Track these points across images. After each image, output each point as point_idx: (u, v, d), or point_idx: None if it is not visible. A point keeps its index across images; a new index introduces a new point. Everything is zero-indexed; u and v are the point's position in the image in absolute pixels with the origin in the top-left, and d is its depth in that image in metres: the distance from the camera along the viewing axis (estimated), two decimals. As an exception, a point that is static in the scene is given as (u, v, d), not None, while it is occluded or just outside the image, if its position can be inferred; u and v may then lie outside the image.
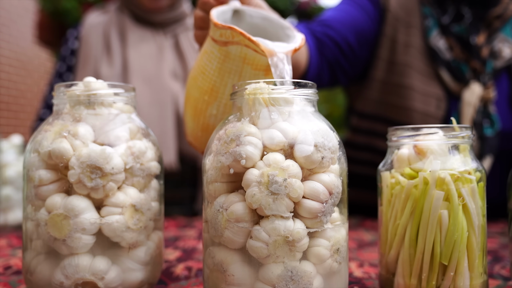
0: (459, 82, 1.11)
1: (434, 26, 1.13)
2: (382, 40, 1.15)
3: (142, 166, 0.55)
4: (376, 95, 1.16)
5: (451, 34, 1.12)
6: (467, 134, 0.56)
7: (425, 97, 1.11)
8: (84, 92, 0.56)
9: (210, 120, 0.64)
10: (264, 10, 0.65)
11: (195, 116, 0.65)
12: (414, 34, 1.14)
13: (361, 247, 0.86)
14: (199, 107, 0.64)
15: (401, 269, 0.54)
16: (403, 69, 1.13)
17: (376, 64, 1.16)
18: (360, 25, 1.13)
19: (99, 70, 1.31)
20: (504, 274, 0.67)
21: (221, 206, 0.48)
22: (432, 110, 1.10)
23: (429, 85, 1.11)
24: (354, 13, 1.13)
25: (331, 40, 1.07)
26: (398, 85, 1.13)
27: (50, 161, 0.53)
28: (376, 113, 1.17)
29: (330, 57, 1.07)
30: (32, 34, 2.35)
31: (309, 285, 0.46)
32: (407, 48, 1.13)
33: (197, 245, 0.88)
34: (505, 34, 1.13)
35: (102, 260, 0.53)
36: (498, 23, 1.13)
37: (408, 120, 1.11)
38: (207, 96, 0.62)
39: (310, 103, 0.52)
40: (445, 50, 1.12)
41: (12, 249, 0.88)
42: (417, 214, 0.53)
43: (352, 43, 1.11)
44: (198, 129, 0.66)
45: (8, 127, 3.63)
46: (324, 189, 0.47)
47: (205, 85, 0.62)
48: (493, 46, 1.12)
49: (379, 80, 1.16)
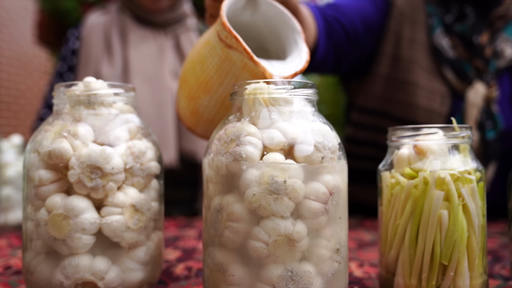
0: (463, 81, 1.11)
1: (438, 25, 1.13)
2: (386, 35, 1.15)
3: (142, 166, 0.55)
4: (379, 90, 1.16)
5: (454, 33, 1.12)
6: (467, 134, 0.56)
7: (430, 93, 1.11)
8: (84, 92, 0.56)
9: (201, 108, 0.64)
10: (280, 5, 0.63)
11: (187, 99, 0.65)
12: (419, 30, 1.14)
13: (361, 247, 0.86)
14: (193, 93, 0.64)
15: (401, 269, 0.54)
16: (407, 65, 1.12)
17: (380, 59, 1.15)
18: (368, 15, 1.13)
19: (99, 70, 1.31)
20: (504, 274, 0.67)
21: (221, 206, 0.48)
22: (436, 107, 1.10)
23: (433, 82, 1.11)
24: (364, 2, 1.14)
25: (340, 25, 1.06)
26: (402, 81, 1.13)
27: (50, 161, 0.53)
28: (379, 108, 1.16)
29: (337, 42, 1.06)
30: (32, 34, 2.35)
31: (309, 285, 0.46)
32: (412, 44, 1.13)
33: (197, 245, 0.88)
34: (508, 34, 1.13)
35: (102, 260, 0.53)
36: (501, 23, 1.13)
37: (412, 117, 1.11)
38: (202, 87, 0.62)
39: (310, 103, 0.52)
40: (449, 48, 1.12)
41: (12, 249, 0.88)
42: (417, 214, 0.53)
43: (360, 31, 1.10)
44: (188, 110, 0.66)
45: (8, 127, 3.64)
46: (324, 189, 0.47)
47: (201, 77, 0.62)
48: (495, 46, 1.12)
49: (383, 75, 1.15)
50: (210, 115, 0.64)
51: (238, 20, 0.62)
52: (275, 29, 0.63)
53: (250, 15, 0.62)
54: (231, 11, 0.59)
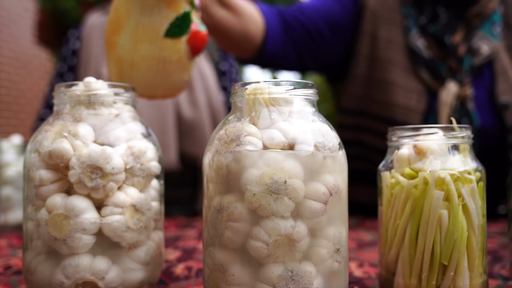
0: (437, 80, 1.13)
1: (413, 26, 1.16)
2: (361, 37, 1.19)
3: (142, 166, 0.55)
4: (359, 90, 1.19)
5: (429, 34, 1.15)
6: (467, 134, 0.56)
7: (406, 91, 1.14)
8: (85, 92, 0.56)
9: (120, 51, 0.64)
10: None
11: (108, 52, 0.66)
12: (395, 31, 1.17)
13: (361, 247, 0.87)
14: (110, 40, 0.65)
15: (401, 269, 0.54)
16: (384, 65, 1.16)
17: (357, 61, 1.19)
18: (334, 15, 1.17)
19: (100, 70, 1.31)
20: (504, 274, 0.67)
21: (221, 206, 0.48)
22: (413, 104, 1.13)
23: (410, 80, 1.14)
24: (330, 4, 1.18)
25: (301, 24, 1.11)
26: (380, 80, 1.16)
27: (51, 161, 0.53)
28: (359, 108, 1.20)
29: (298, 40, 1.11)
30: (32, 34, 2.35)
31: (309, 285, 0.46)
32: (389, 44, 1.16)
33: (197, 245, 0.88)
34: (484, 31, 1.16)
35: (103, 260, 0.53)
36: (477, 21, 1.16)
37: (390, 115, 1.14)
38: (114, 29, 0.64)
39: (310, 103, 0.52)
40: (424, 49, 1.15)
41: (12, 249, 0.88)
42: (417, 214, 0.53)
43: (324, 31, 1.14)
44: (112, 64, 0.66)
45: (8, 127, 3.63)
46: (325, 189, 0.47)
47: (112, 17, 0.65)
48: (472, 43, 1.14)
49: (361, 76, 1.19)
50: (129, 54, 0.64)
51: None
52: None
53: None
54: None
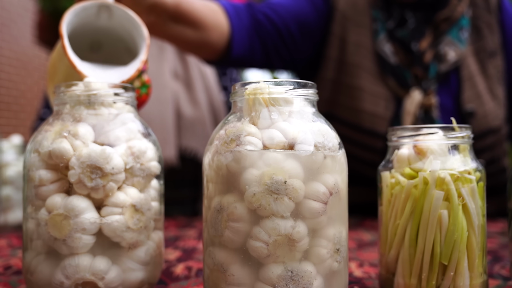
0: (403, 87, 1.11)
1: (381, 30, 1.13)
2: (331, 39, 1.15)
3: (142, 166, 0.55)
4: (327, 94, 1.16)
5: (396, 39, 1.12)
6: (467, 134, 0.56)
7: (374, 97, 1.11)
8: (84, 92, 0.56)
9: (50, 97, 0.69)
10: (130, 11, 0.67)
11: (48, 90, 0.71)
12: (364, 34, 1.14)
13: (361, 247, 0.87)
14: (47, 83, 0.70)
15: (401, 269, 0.54)
16: (353, 70, 1.13)
17: (326, 64, 1.16)
18: (306, 16, 1.14)
19: (99, 70, 1.31)
20: (504, 274, 0.67)
21: (221, 206, 0.48)
22: (380, 111, 1.11)
23: (377, 86, 1.11)
24: (302, 4, 1.15)
25: (271, 23, 1.09)
26: (348, 85, 1.14)
27: (50, 161, 0.53)
28: (328, 112, 1.16)
29: (267, 40, 1.09)
30: (32, 34, 2.35)
31: (309, 285, 0.46)
32: (357, 48, 1.13)
33: (197, 245, 0.88)
34: (452, 37, 1.12)
35: (102, 260, 0.53)
36: (445, 25, 1.12)
37: (357, 121, 1.12)
38: (49, 76, 0.68)
39: (310, 103, 0.52)
40: (391, 54, 1.12)
41: (12, 249, 0.88)
42: (417, 214, 0.53)
43: (294, 31, 1.12)
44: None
45: (8, 127, 3.63)
46: (324, 189, 0.47)
47: (49, 67, 0.68)
48: (438, 49, 1.11)
49: (330, 79, 1.16)
50: None
51: (98, 24, 0.66)
52: (131, 33, 0.67)
53: (107, 20, 0.66)
54: (84, 17, 0.64)
